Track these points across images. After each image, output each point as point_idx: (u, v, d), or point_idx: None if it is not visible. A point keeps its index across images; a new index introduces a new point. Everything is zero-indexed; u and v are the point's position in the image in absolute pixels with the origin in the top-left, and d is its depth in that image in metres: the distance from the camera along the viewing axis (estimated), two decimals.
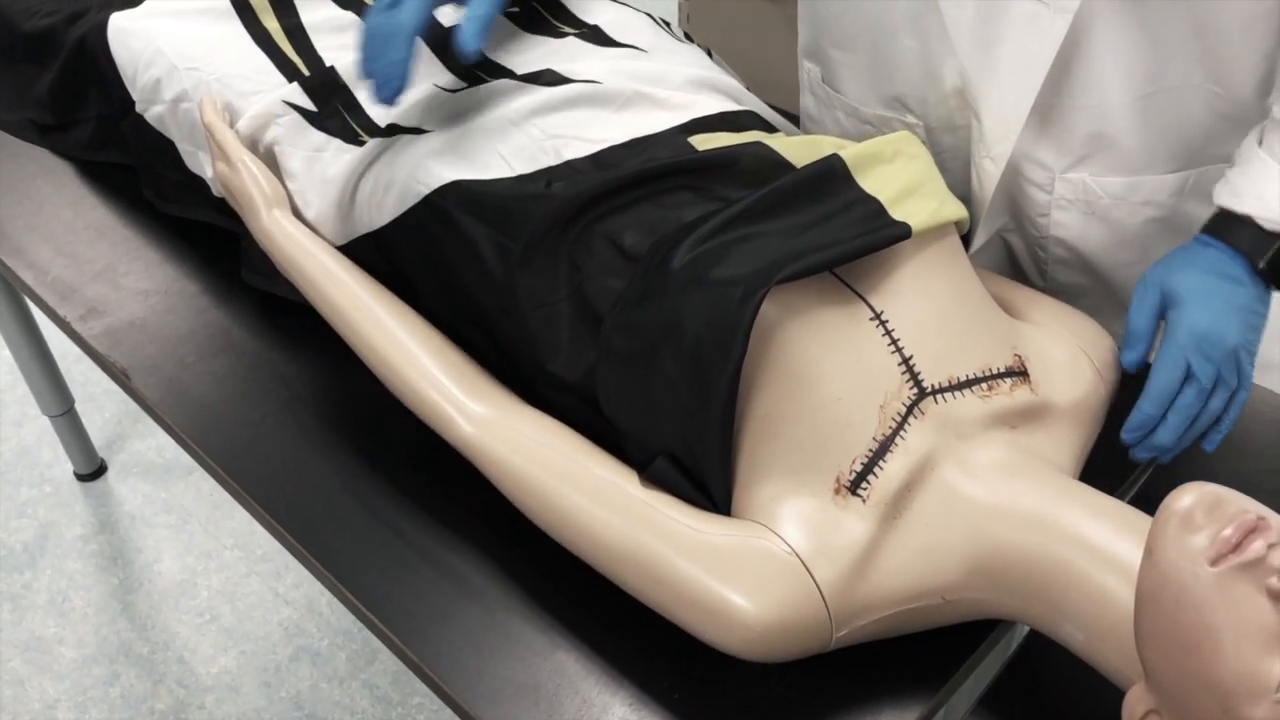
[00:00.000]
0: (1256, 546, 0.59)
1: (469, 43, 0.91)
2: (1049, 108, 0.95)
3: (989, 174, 1.01)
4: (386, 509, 0.94)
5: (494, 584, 0.87)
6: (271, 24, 1.18)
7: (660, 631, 0.79)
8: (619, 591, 0.81)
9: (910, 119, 1.09)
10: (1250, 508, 0.62)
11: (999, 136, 0.97)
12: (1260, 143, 0.88)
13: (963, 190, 1.09)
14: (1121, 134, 0.95)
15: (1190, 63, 0.91)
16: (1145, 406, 0.86)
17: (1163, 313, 0.89)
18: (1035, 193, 1.02)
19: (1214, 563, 0.60)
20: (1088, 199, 1.00)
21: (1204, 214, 0.93)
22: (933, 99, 1.05)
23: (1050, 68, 0.91)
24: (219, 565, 1.94)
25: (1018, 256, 1.12)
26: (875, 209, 0.84)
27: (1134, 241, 1.02)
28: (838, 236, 0.81)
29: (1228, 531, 0.60)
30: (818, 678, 0.79)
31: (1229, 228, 0.88)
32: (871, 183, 0.86)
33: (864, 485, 0.77)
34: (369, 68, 0.93)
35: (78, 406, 2.01)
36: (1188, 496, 0.63)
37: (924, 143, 1.05)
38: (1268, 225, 0.86)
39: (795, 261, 0.77)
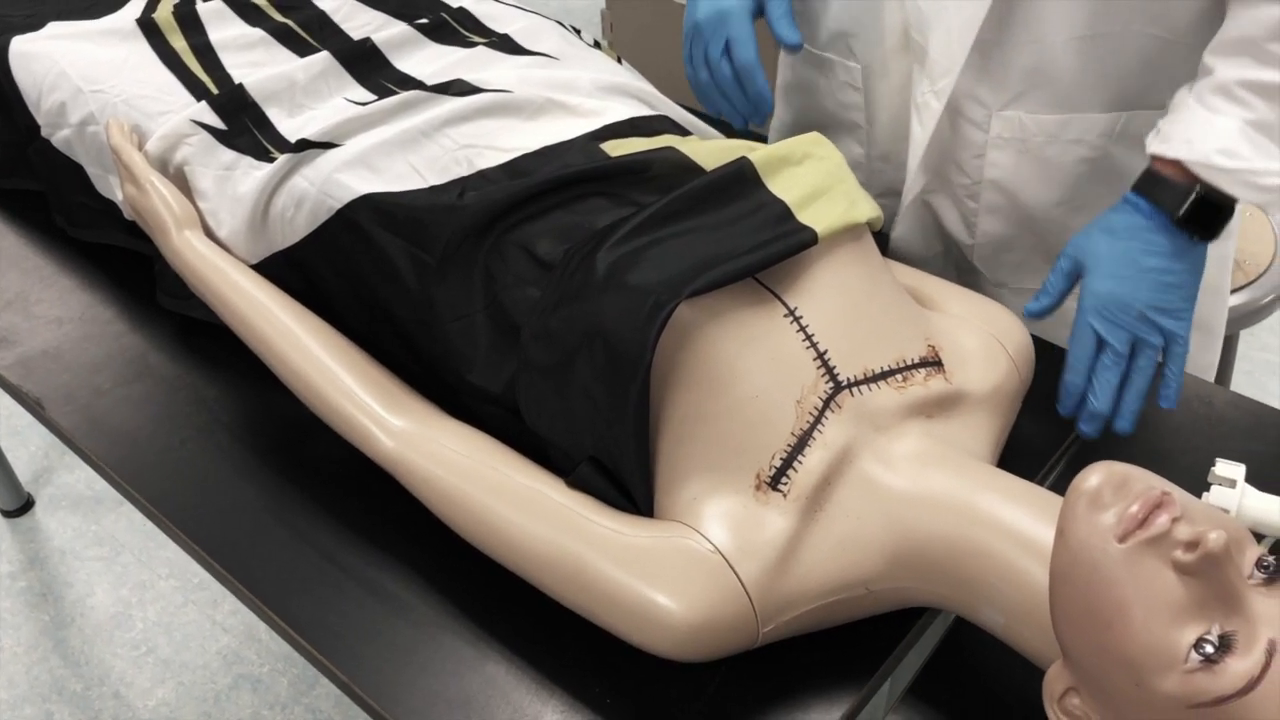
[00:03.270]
0: (1161, 521, 0.61)
1: (791, 37, 1.05)
2: (990, 44, 0.99)
3: (931, 110, 1.04)
4: (311, 529, 0.93)
5: (421, 599, 0.87)
6: (179, 43, 1.17)
7: (590, 638, 0.79)
8: (547, 600, 0.80)
9: (851, 63, 1.12)
10: (1155, 484, 0.63)
11: (943, 70, 1.01)
12: (1190, 90, 0.90)
13: (898, 135, 1.12)
14: (1058, 71, 0.99)
15: (1133, 7, 0.94)
16: (1068, 376, 0.91)
17: (1076, 279, 0.92)
18: (972, 132, 1.06)
19: (1122, 539, 0.61)
20: (1022, 136, 1.04)
21: (1132, 159, 0.95)
22: (873, 38, 1.09)
23: (995, 1, 0.94)
24: (154, 596, 1.91)
25: (942, 218, 1.15)
26: (783, 212, 0.84)
27: (1064, 181, 1.05)
28: (747, 241, 0.81)
29: (1134, 508, 0.61)
30: (748, 674, 0.80)
31: (1153, 183, 0.90)
32: (780, 185, 0.87)
33: (784, 480, 0.77)
34: (735, 109, 1.07)
35: (1, 441, 1.97)
36: (1095, 476, 0.64)
37: (860, 89, 1.12)
38: (1193, 168, 0.87)
39: (706, 271, 0.78)
